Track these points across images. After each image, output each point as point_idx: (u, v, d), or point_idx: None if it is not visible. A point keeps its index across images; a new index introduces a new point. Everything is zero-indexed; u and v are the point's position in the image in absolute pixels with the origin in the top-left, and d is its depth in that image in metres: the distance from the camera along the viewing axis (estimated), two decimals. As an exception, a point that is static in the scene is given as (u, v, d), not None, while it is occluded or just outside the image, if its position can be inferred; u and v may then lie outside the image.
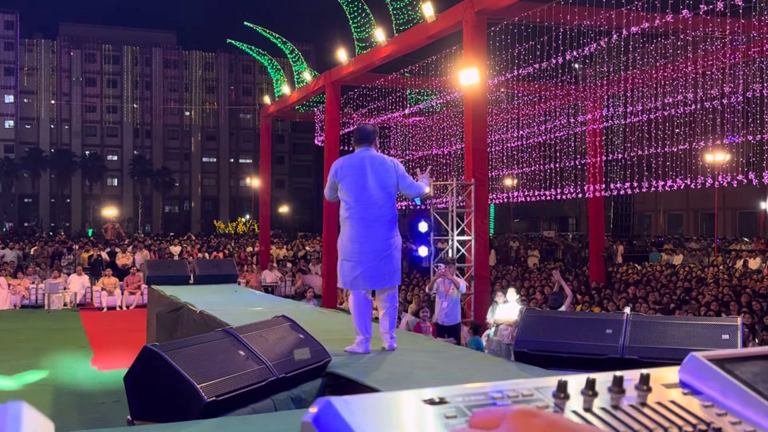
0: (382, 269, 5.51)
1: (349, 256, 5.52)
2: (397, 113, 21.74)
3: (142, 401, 3.89)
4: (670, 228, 48.50)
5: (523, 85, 19.12)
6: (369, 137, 5.61)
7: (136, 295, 19.83)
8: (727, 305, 13.11)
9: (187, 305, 8.74)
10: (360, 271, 5.48)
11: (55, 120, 75.87)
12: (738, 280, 17.87)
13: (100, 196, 74.25)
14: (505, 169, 24.42)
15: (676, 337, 4.84)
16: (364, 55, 17.92)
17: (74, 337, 15.25)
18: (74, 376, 11.25)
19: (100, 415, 8.79)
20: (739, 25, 13.94)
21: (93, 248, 24.94)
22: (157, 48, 79.33)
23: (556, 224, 59.85)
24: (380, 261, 5.48)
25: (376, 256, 5.46)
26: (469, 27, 12.82)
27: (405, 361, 5.20)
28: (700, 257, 26.14)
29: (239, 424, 3.48)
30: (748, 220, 44.83)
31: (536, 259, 27.50)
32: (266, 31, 23.80)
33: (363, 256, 5.47)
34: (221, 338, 4.32)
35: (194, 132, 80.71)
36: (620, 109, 19.03)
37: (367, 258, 5.46)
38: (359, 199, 5.43)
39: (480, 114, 13.01)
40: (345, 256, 5.56)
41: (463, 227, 13.12)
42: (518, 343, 5.20)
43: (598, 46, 13.80)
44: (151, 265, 12.04)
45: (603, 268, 20.81)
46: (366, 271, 5.47)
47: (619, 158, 20.71)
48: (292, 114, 27.25)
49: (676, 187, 16.57)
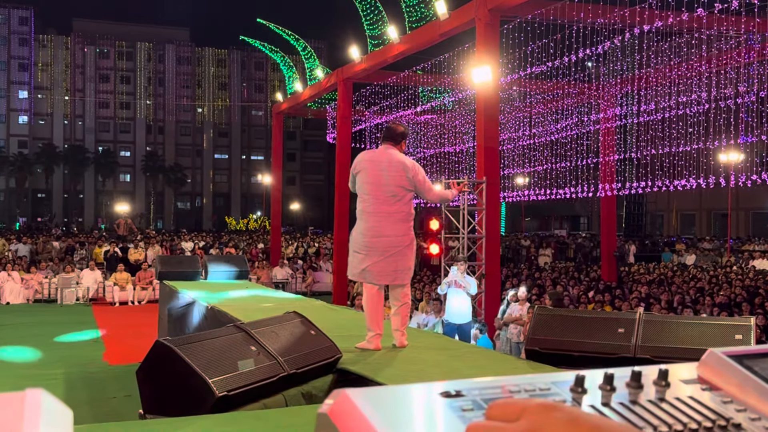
0: (390, 265, 5.52)
1: (359, 248, 5.56)
2: (409, 111, 21.72)
3: (153, 395, 3.90)
4: (682, 228, 48.26)
5: (536, 83, 19.06)
6: (394, 137, 5.66)
7: (148, 290, 19.92)
8: (740, 306, 13.03)
9: (198, 301, 8.77)
10: (368, 264, 5.50)
11: (69, 116, 76.32)
12: (751, 280, 17.74)
13: (113, 192, 74.67)
14: (517, 168, 24.37)
15: (689, 337, 4.82)
16: (376, 52, 17.91)
17: (86, 331, 15.34)
18: (86, 370, 11.31)
19: (112, 409, 8.83)
20: (754, 23, 13.84)
21: (107, 243, 25.08)
22: (170, 45, 79.63)
23: (568, 223, 59.70)
24: (390, 257, 5.50)
25: (385, 252, 5.48)
26: (482, 25, 12.79)
27: (415, 358, 5.20)
28: (713, 257, 25.99)
29: (251, 419, 3.49)
30: (761, 220, 44.56)
31: (548, 258, 27.41)
32: (279, 28, 23.82)
33: (372, 250, 5.49)
34: (233, 333, 4.34)
35: (206, 128, 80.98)
36: (633, 108, 18.93)
37: (375, 252, 5.48)
38: (374, 193, 5.48)
39: (492, 112, 12.97)
40: (355, 248, 5.61)
41: (474, 225, 13.10)
42: (529, 341, 5.18)
43: (612, 45, 13.73)
44: (162, 261, 12.08)
45: (615, 267, 20.72)
46: (374, 265, 5.49)
47: (631, 157, 20.60)
48: (304, 111, 27.28)
49: (689, 186, 16.48)
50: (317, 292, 22.75)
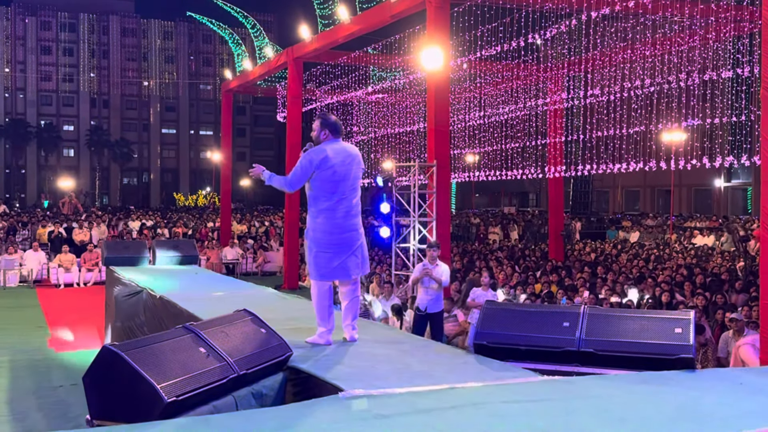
0: (358, 257, 5.65)
1: (326, 247, 5.52)
2: (360, 91, 21.64)
3: (101, 401, 3.86)
4: (627, 204, 49.33)
5: (486, 65, 19.16)
6: (341, 131, 5.73)
7: (94, 272, 19.57)
8: (681, 285, 13.42)
9: (146, 290, 8.67)
10: (339, 261, 5.54)
11: (10, 89, 73.95)
12: (692, 259, 18.29)
13: (56, 167, 72.84)
14: (467, 149, 24.54)
15: (631, 331, 4.97)
16: (327, 32, 17.76)
17: (30, 316, 15.04)
18: (31, 358, 11.10)
19: (59, 399, 8.70)
20: (697, 9, 14.12)
21: (51, 224, 24.49)
22: (115, 16, 77.58)
23: (517, 199, 60.47)
24: (356, 249, 5.63)
25: (352, 245, 5.60)
26: (432, 8, 12.79)
27: (366, 353, 5.24)
28: (656, 234, 26.65)
29: (201, 425, 3.49)
30: (703, 196, 45.83)
31: (497, 236, 27.73)
32: (227, 5, 23.41)
33: (342, 247, 5.55)
34: (182, 335, 4.30)
35: (153, 102, 79.37)
36: (581, 92, 19.21)
37: (343, 248, 5.55)
38: (343, 191, 5.50)
39: (443, 95, 13.02)
40: (320, 248, 5.54)
41: (425, 208, 13.19)
42: (477, 335, 5.27)
43: (560, 29, 13.87)
44: (109, 246, 11.89)
45: (562, 246, 21.13)
46: (345, 260, 5.56)
47: (579, 139, 20.94)
48: (254, 89, 26.94)
49: (631, 169, 16.86)
50: (268, 272, 22.70)
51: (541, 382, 4.42)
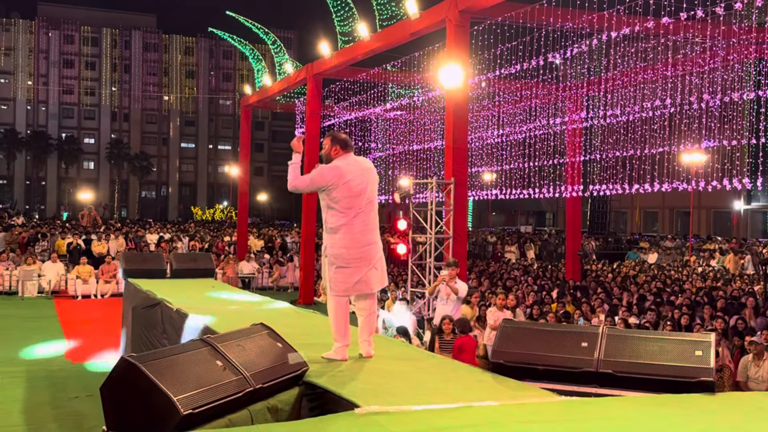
0: (379, 271, 5.63)
1: (346, 262, 5.49)
2: (378, 108, 21.71)
3: (118, 412, 3.87)
4: (645, 225, 49.00)
5: (505, 83, 19.17)
6: (351, 144, 5.72)
7: (111, 283, 19.69)
8: (700, 306, 13.26)
9: (163, 302, 8.69)
10: (360, 276, 5.52)
11: (32, 101, 74.85)
12: (712, 281, 18.09)
13: (76, 180, 73.50)
14: (484, 166, 24.52)
15: (650, 353, 4.91)
16: (346, 49, 17.86)
17: (48, 326, 15.12)
18: (47, 368, 11.15)
19: (74, 410, 8.73)
20: (718, 31, 14.07)
21: (70, 235, 24.68)
22: (137, 31, 78.45)
23: (533, 218, 60.24)
24: (377, 263, 5.61)
25: (372, 259, 5.57)
26: (452, 25, 12.82)
27: (382, 370, 5.21)
28: (675, 256, 26.42)
29: (216, 438, 3.49)
30: (721, 218, 45.45)
31: (513, 255, 27.61)
32: (248, 21, 23.62)
33: (362, 262, 5.52)
34: (199, 348, 4.31)
35: (173, 117, 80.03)
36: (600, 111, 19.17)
37: (364, 262, 5.52)
38: (360, 205, 5.48)
39: (461, 113, 13.03)
40: (340, 263, 5.51)
41: (442, 225, 13.16)
42: (494, 353, 5.23)
43: (580, 48, 13.88)
44: (127, 258, 11.93)
45: (579, 266, 21.00)
46: (366, 274, 5.54)
47: (597, 158, 20.87)
48: (273, 105, 27.09)
49: (650, 190, 16.76)
50: (283, 287, 22.72)
51: (558, 402, 4.38)
